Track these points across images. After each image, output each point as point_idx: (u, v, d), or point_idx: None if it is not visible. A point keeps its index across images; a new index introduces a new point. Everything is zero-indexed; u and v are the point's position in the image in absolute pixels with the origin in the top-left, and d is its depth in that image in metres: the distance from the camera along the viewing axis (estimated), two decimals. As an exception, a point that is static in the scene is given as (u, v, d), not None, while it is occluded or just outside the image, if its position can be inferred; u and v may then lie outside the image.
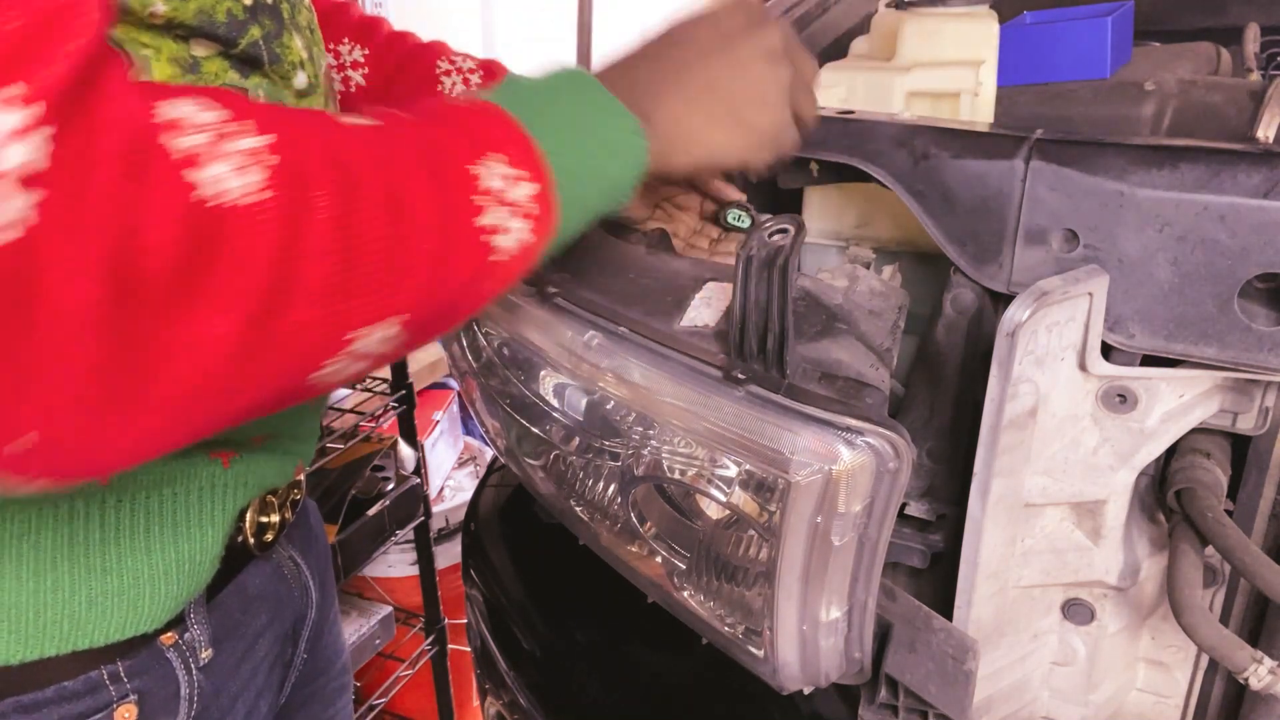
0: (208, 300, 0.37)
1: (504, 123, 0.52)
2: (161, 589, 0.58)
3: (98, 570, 0.56)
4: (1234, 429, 0.71)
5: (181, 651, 0.61)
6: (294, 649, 0.78)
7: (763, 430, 0.60)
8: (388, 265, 0.43)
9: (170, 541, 0.58)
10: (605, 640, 0.97)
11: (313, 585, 0.79)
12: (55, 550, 0.54)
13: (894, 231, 0.90)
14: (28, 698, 0.55)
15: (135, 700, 0.58)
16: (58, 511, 0.54)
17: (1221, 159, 0.61)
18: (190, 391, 0.39)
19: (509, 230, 0.50)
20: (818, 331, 0.67)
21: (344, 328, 0.43)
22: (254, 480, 0.63)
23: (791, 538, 0.61)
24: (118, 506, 0.56)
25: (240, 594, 0.68)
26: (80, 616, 0.55)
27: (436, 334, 0.51)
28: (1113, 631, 0.78)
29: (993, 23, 1.02)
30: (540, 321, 0.76)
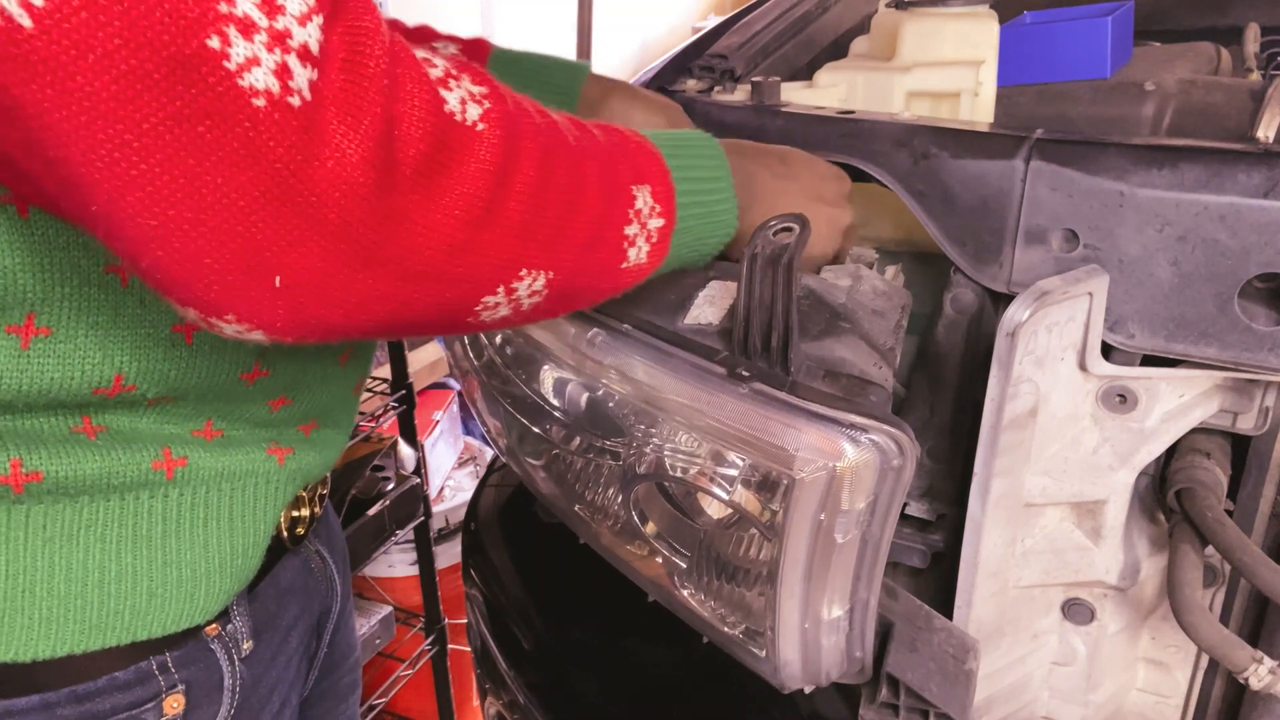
0: (440, 194, 0.45)
1: (657, 161, 0.61)
2: (216, 582, 0.60)
3: (159, 562, 0.57)
4: (1234, 429, 0.71)
5: (225, 643, 0.63)
6: (318, 642, 0.80)
7: (767, 427, 0.60)
8: (559, 227, 0.52)
9: (226, 535, 0.60)
10: (605, 640, 0.97)
11: (337, 578, 0.81)
12: (120, 542, 0.56)
13: (894, 231, 0.90)
14: (82, 688, 0.56)
15: (183, 690, 0.60)
16: (123, 504, 0.56)
17: (1221, 159, 0.61)
18: (407, 272, 0.45)
19: (638, 248, 0.59)
20: (821, 330, 0.67)
21: (518, 262, 0.51)
22: (302, 475, 0.65)
23: (795, 534, 0.61)
24: (179, 500, 0.58)
25: (275, 587, 0.69)
26: (141, 608, 0.57)
27: (558, 308, 0.58)
28: (1113, 631, 0.78)
29: (993, 23, 1.02)
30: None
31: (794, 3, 1.21)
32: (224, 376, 0.57)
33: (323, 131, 0.40)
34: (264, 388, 0.59)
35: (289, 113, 0.39)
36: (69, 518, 0.54)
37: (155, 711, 0.59)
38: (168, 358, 0.53)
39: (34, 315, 0.49)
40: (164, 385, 0.54)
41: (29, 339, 0.49)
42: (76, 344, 0.50)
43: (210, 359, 0.55)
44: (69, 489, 0.54)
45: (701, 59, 1.07)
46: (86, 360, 0.51)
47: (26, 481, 0.52)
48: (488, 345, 0.88)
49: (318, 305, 0.44)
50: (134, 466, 0.55)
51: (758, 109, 0.89)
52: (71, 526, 0.55)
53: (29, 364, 0.49)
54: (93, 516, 0.55)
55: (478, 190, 0.46)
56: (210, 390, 0.57)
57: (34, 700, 0.56)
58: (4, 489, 0.52)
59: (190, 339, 0.54)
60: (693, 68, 1.07)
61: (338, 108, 0.40)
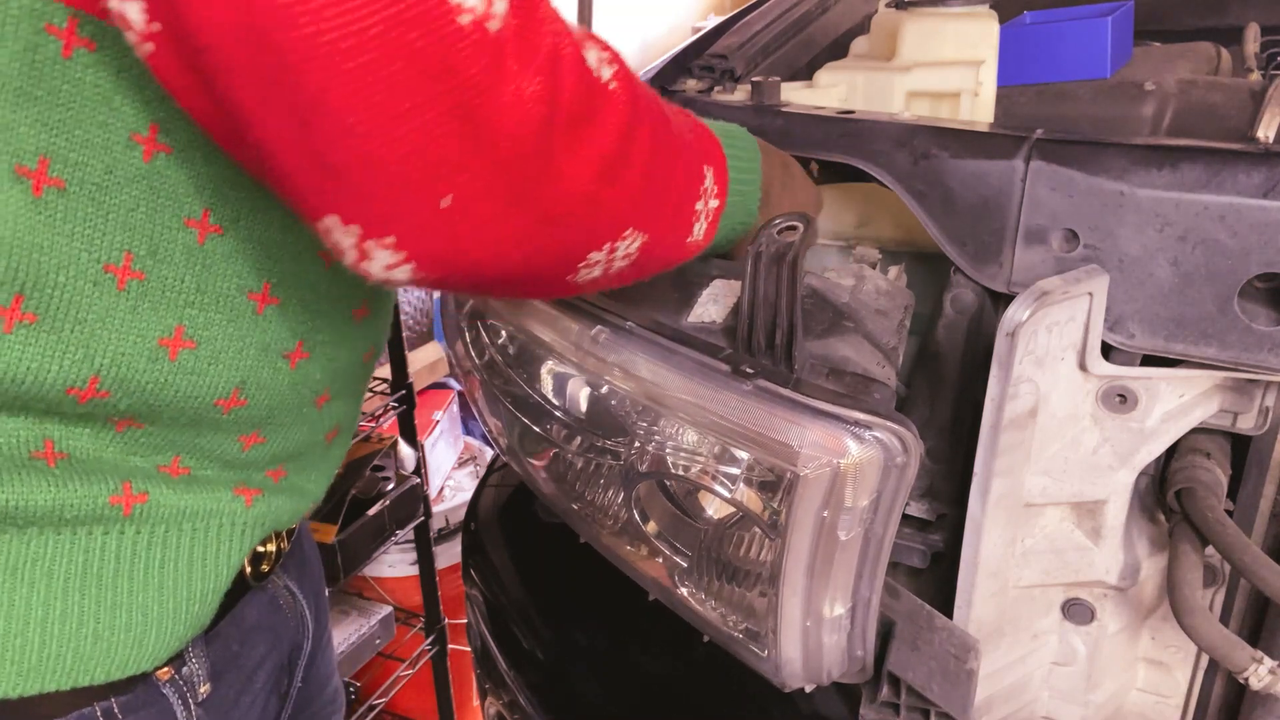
0: (582, 145, 0.48)
1: (717, 145, 0.66)
2: (169, 627, 0.57)
3: (108, 604, 0.55)
4: (1234, 429, 0.71)
5: (179, 687, 0.60)
6: (290, 679, 0.77)
7: (771, 424, 0.60)
8: (660, 193, 0.56)
9: (184, 579, 0.58)
10: (605, 640, 0.97)
11: (309, 614, 0.78)
12: (67, 579, 0.53)
13: (894, 231, 0.90)
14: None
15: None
16: (74, 538, 0.53)
17: (1221, 159, 0.61)
18: (547, 215, 0.48)
19: (700, 224, 0.63)
20: (825, 329, 0.67)
21: (626, 222, 0.54)
22: (270, 521, 0.63)
23: (798, 532, 0.61)
24: (135, 538, 0.55)
25: (238, 626, 0.66)
26: (85, 652, 0.54)
27: (635, 275, 0.61)
28: (1113, 631, 0.78)
29: (993, 23, 1.02)
30: (547, 316, 0.76)
31: (794, 3, 1.21)
32: (200, 400, 0.54)
33: (505, 63, 0.42)
34: (238, 419, 0.57)
35: (485, 36, 0.41)
36: (15, 550, 0.52)
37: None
38: (148, 370, 0.52)
39: (22, 299, 0.47)
40: (138, 398, 0.52)
41: (13, 323, 0.47)
42: (60, 336, 0.49)
43: (191, 378, 0.53)
44: (18, 519, 0.51)
45: (701, 59, 1.07)
46: (67, 355, 0.49)
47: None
48: (489, 344, 0.88)
49: (471, 237, 0.46)
50: (90, 500, 0.53)
51: (758, 109, 0.89)
52: (17, 559, 0.52)
53: (8, 348, 0.48)
54: (40, 550, 0.52)
55: (611, 146, 0.49)
56: (183, 414, 0.54)
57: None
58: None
59: (175, 355, 0.52)
60: (693, 68, 1.07)
61: (516, 44, 0.43)
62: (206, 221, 0.51)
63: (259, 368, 0.56)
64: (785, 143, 0.83)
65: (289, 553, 0.73)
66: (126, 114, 0.47)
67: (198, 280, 0.52)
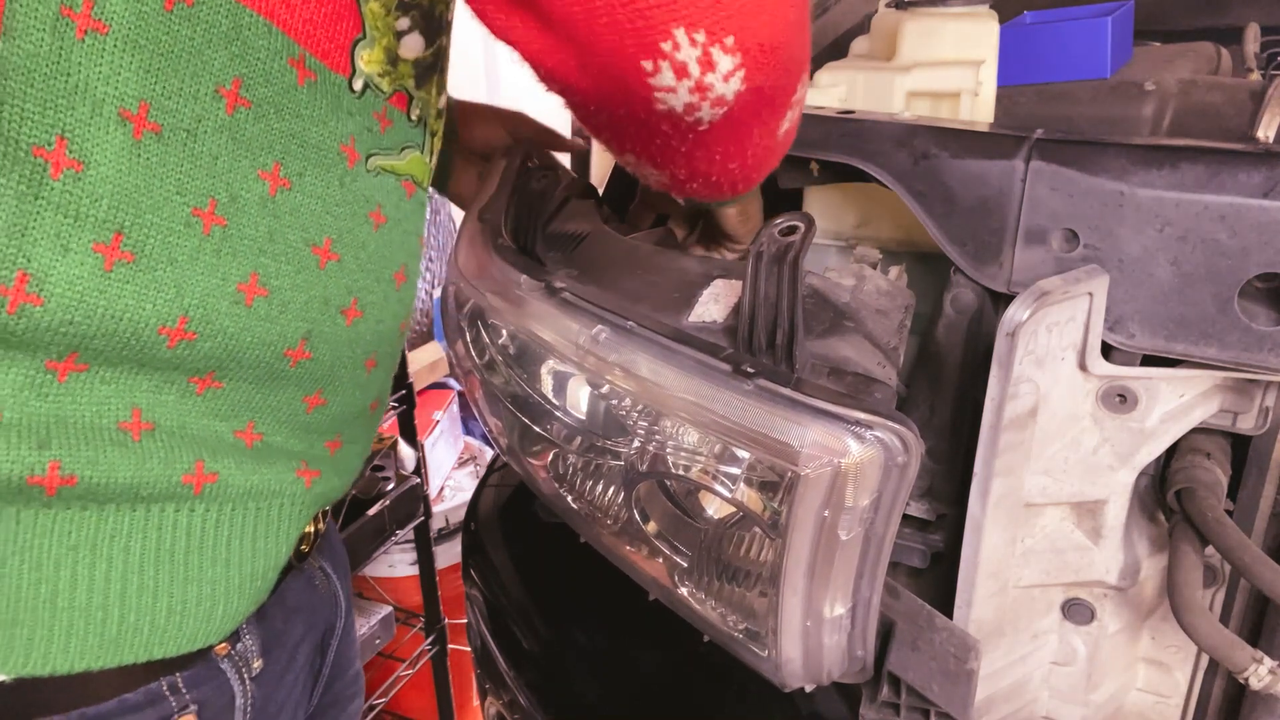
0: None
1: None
2: (234, 601, 0.59)
3: (180, 579, 0.57)
4: (1234, 429, 0.71)
5: (235, 662, 0.62)
6: (322, 659, 0.79)
7: (771, 423, 0.60)
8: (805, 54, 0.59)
9: (249, 555, 0.60)
10: (605, 640, 0.97)
11: (340, 594, 0.80)
12: (143, 555, 0.55)
13: (894, 231, 0.90)
14: (92, 710, 0.55)
15: (195, 711, 0.59)
16: (149, 515, 0.55)
17: (1221, 159, 0.61)
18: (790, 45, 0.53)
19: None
20: (825, 329, 0.67)
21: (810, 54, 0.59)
22: (324, 499, 0.66)
23: (798, 531, 0.61)
24: (205, 516, 0.57)
25: (281, 605, 0.69)
26: (161, 624, 0.56)
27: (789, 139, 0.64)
28: (1113, 631, 0.78)
29: (993, 23, 1.02)
30: (548, 316, 0.76)
31: (794, 3, 1.21)
32: (273, 349, 0.57)
33: None
34: (303, 375, 0.60)
35: None
36: (94, 526, 0.54)
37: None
38: (229, 313, 0.55)
39: (121, 237, 0.50)
40: (219, 341, 0.55)
41: (113, 261, 0.50)
42: (154, 275, 0.51)
43: (265, 325, 0.56)
44: (98, 496, 0.53)
45: (702, 59, 1.07)
46: (160, 294, 0.51)
47: (61, 485, 0.51)
48: (489, 344, 0.88)
49: (780, 26, 0.51)
50: (164, 479, 0.55)
51: (758, 109, 0.89)
52: (96, 535, 0.54)
53: (109, 285, 0.50)
54: (118, 526, 0.54)
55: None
56: (258, 365, 0.57)
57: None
58: (37, 490, 0.51)
59: (250, 300, 0.55)
60: (693, 68, 1.07)
61: None
62: (277, 174, 0.54)
63: (322, 320, 0.59)
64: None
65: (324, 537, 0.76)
66: (214, 67, 0.50)
67: (269, 230, 0.55)
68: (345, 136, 0.58)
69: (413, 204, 0.67)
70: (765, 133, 0.60)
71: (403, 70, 0.61)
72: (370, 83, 0.59)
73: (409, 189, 0.66)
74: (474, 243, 0.88)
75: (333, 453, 0.66)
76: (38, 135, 0.46)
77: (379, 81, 0.59)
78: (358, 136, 0.59)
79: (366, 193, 0.61)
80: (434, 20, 0.61)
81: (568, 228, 0.87)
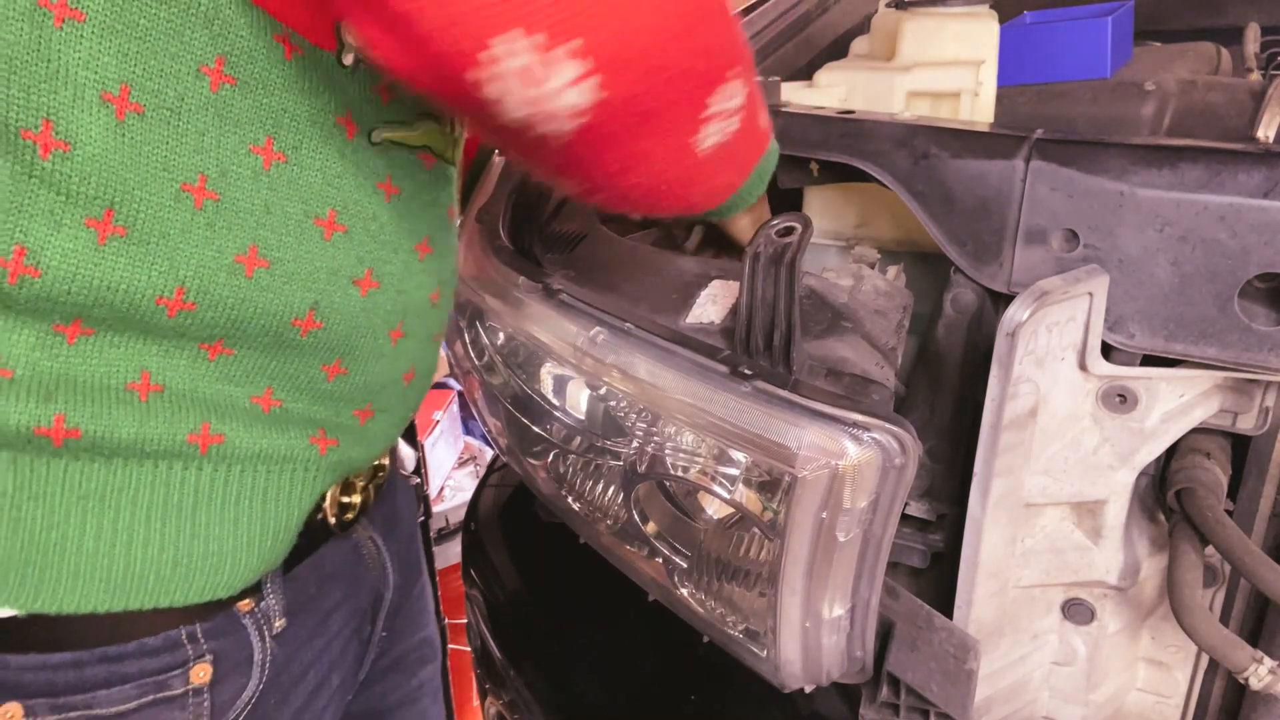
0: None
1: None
2: (243, 559, 0.61)
3: (186, 533, 0.59)
4: (1234, 429, 0.71)
5: (257, 619, 0.64)
6: (373, 627, 0.81)
7: (769, 425, 0.60)
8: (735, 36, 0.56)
9: (258, 515, 0.61)
10: (605, 640, 0.97)
11: (391, 567, 0.81)
12: (150, 508, 0.57)
13: (894, 231, 0.90)
14: (113, 649, 0.58)
15: (210, 660, 0.61)
16: (156, 471, 0.57)
17: (1221, 159, 0.61)
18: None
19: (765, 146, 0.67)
20: (823, 329, 0.67)
21: (739, 54, 0.56)
22: (343, 467, 0.67)
23: (796, 533, 0.61)
24: (213, 475, 0.59)
25: (317, 570, 0.70)
26: (166, 575, 0.58)
27: (740, 145, 0.62)
28: (1113, 631, 0.78)
29: (993, 23, 1.02)
30: (545, 318, 0.76)
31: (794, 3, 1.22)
32: (279, 318, 0.58)
33: None
34: (317, 344, 0.61)
35: None
36: (102, 478, 0.56)
37: (181, 679, 0.61)
38: (228, 284, 0.55)
39: (112, 213, 0.51)
40: (221, 311, 0.56)
41: (106, 235, 0.51)
42: (147, 249, 0.52)
43: (268, 295, 0.57)
44: (104, 449, 0.55)
45: (702, 59, 1.07)
46: (154, 266, 0.53)
47: (66, 436, 0.54)
48: (489, 345, 0.88)
49: (644, 34, 0.49)
50: (169, 436, 0.57)
51: (758, 109, 0.89)
52: (104, 487, 0.56)
53: (103, 259, 0.51)
54: (125, 480, 0.57)
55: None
56: (266, 334, 0.58)
57: (66, 657, 0.57)
58: (45, 441, 0.54)
59: (250, 272, 0.56)
60: (693, 68, 1.07)
61: None
62: (270, 149, 0.55)
63: (330, 291, 0.60)
64: (785, 142, 0.83)
65: (378, 507, 0.78)
66: (195, 47, 0.51)
67: (266, 203, 0.56)
68: (341, 109, 0.58)
69: (433, 174, 0.67)
70: (672, 147, 0.57)
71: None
72: (362, 56, 0.58)
73: (427, 160, 0.66)
74: (472, 244, 0.88)
75: (362, 421, 0.67)
76: (25, 119, 0.48)
77: None
78: (355, 109, 0.59)
79: (372, 164, 0.61)
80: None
81: (566, 229, 0.87)
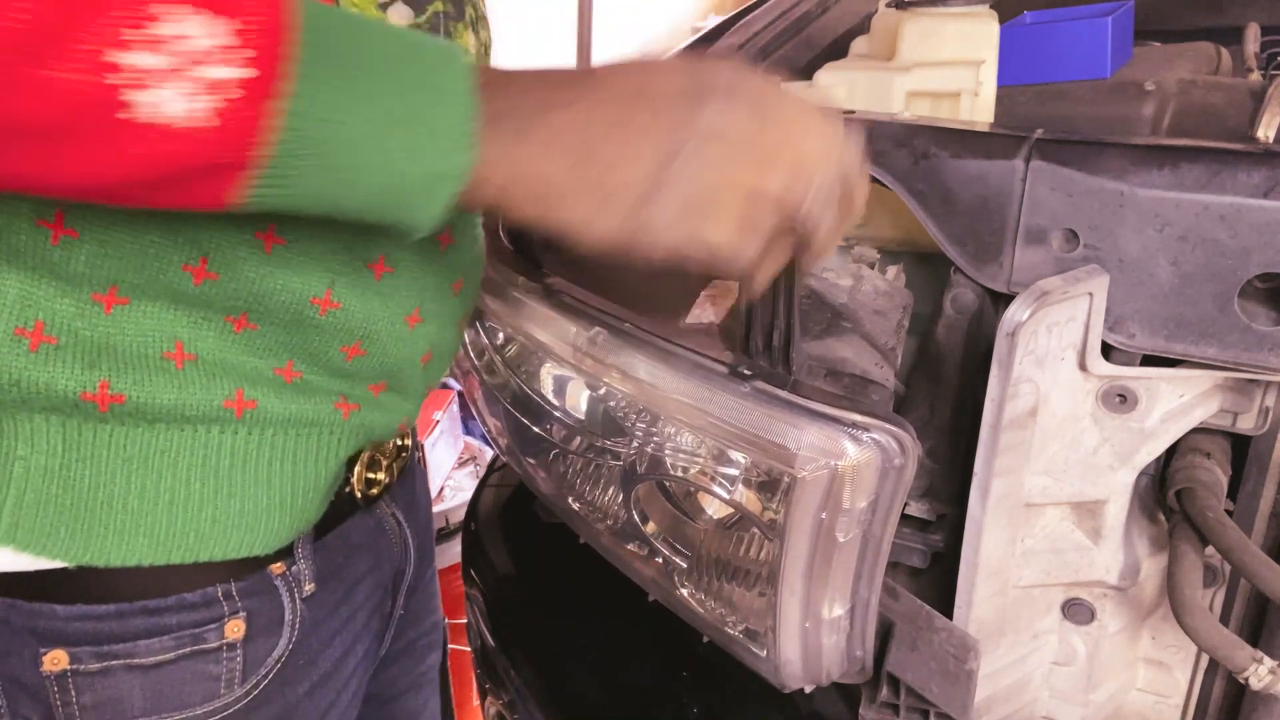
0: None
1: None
2: (276, 518, 0.64)
3: (224, 493, 0.62)
4: (1234, 429, 0.71)
5: (289, 581, 0.67)
6: (393, 602, 0.84)
7: (768, 425, 0.60)
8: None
9: (289, 476, 0.64)
10: (605, 640, 0.97)
11: (412, 544, 0.84)
12: (190, 470, 0.60)
13: (894, 231, 0.90)
14: (153, 603, 0.61)
15: (244, 617, 0.64)
16: (195, 435, 0.60)
17: (1221, 159, 0.61)
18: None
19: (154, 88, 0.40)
20: (823, 330, 0.67)
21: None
22: (365, 432, 0.69)
23: (796, 533, 0.61)
24: (247, 438, 0.62)
25: (344, 541, 0.73)
26: (205, 531, 0.61)
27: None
28: (1113, 631, 0.78)
29: (993, 23, 1.02)
30: (545, 318, 0.76)
31: (794, 3, 1.21)
32: (298, 295, 0.59)
33: None
34: (336, 324, 0.62)
35: None
36: (146, 441, 0.59)
37: (217, 633, 0.63)
38: (249, 259, 0.57)
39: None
40: (243, 283, 0.57)
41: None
42: (171, 215, 0.53)
43: (286, 272, 0.58)
44: (146, 414, 0.58)
45: (702, 59, 1.07)
46: (180, 233, 0.54)
47: (111, 402, 0.57)
48: (488, 345, 0.88)
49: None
50: (206, 402, 0.59)
51: (758, 109, 0.89)
52: (147, 450, 0.59)
53: (134, 219, 0.53)
54: (167, 443, 0.59)
55: None
56: (286, 311, 0.60)
57: (110, 608, 0.60)
58: (91, 406, 0.56)
59: (269, 249, 0.57)
60: (693, 68, 1.07)
61: None
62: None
63: (347, 271, 0.61)
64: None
65: (400, 487, 0.80)
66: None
67: None
68: None
69: None
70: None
71: None
72: None
73: None
74: (473, 243, 0.88)
75: (376, 394, 0.69)
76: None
77: None
78: None
79: None
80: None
81: (567, 228, 0.87)
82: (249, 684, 0.66)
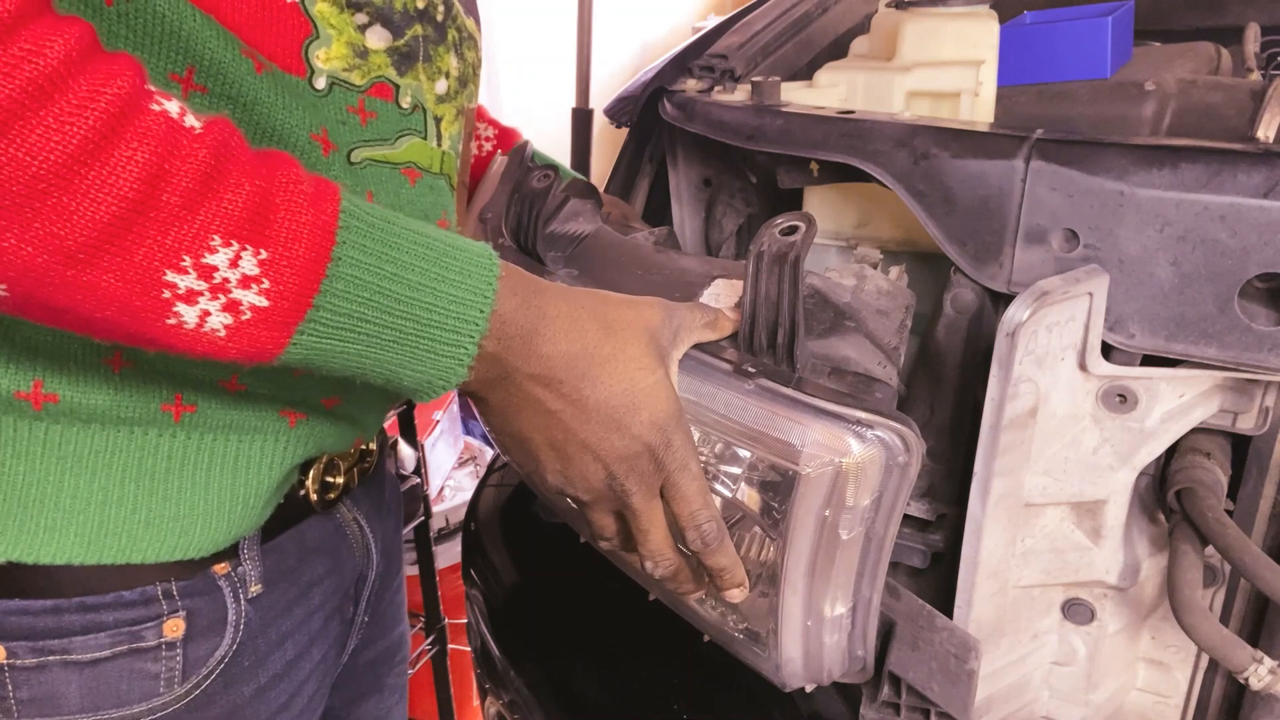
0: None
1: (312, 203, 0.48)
2: (213, 522, 0.63)
3: (159, 495, 0.61)
4: (1234, 429, 0.71)
5: (233, 582, 0.66)
6: (355, 608, 0.83)
7: (773, 423, 0.60)
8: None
9: (228, 482, 0.63)
10: (605, 640, 0.97)
11: (375, 550, 0.83)
12: (124, 470, 0.60)
13: (894, 231, 0.90)
14: (91, 599, 0.61)
15: (184, 616, 0.64)
16: (131, 436, 0.60)
17: (1221, 159, 0.61)
18: None
19: (206, 303, 0.47)
20: (826, 329, 0.67)
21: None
22: (314, 443, 0.68)
23: (799, 530, 0.61)
24: (185, 442, 0.61)
25: (298, 543, 0.72)
26: (138, 533, 0.61)
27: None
28: (1113, 631, 0.78)
29: (993, 23, 1.02)
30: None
31: (794, 3, 1.22)
32: None
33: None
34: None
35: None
36: (80, 441, 0.59)
37: (155, 631, 0.63)
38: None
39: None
40: None
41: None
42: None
43: None
44: (81, 414, 0.58)
45: (701, 59, 1.07)
46: None
47: (45, 401, 0.57)
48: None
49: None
50: (143, 406, 0.59)
51: (758, 109, 0.89)
52: (82, 450, 0.59)
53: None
54: (102, 444, 0.59)
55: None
56: None
57: (46, 604, 0.60)
58: (25, 404, 0.57)
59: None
60: (693, 68, 1.08)
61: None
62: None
63: None
64: (784, 142, 0.83)
65: (363, 491, 0.80)
66: (166, 56, 0.52)
67: None
68: (315, 127, 0.58)
69: (419, 190, 0.67)
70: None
71: (377, 61, 0.61)
72: (336, 79, 0.59)
73: (411, 176, 0.66)
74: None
75: (329, 407, 0.68)
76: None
77: (347, 76, 0.59)
78: (331, 129, 0.59)
79: (350, 181, 0.61)
80: (393, 14, 0.61)
81: (568, 228, 0.87)
82: (189, 683, 0.65)
